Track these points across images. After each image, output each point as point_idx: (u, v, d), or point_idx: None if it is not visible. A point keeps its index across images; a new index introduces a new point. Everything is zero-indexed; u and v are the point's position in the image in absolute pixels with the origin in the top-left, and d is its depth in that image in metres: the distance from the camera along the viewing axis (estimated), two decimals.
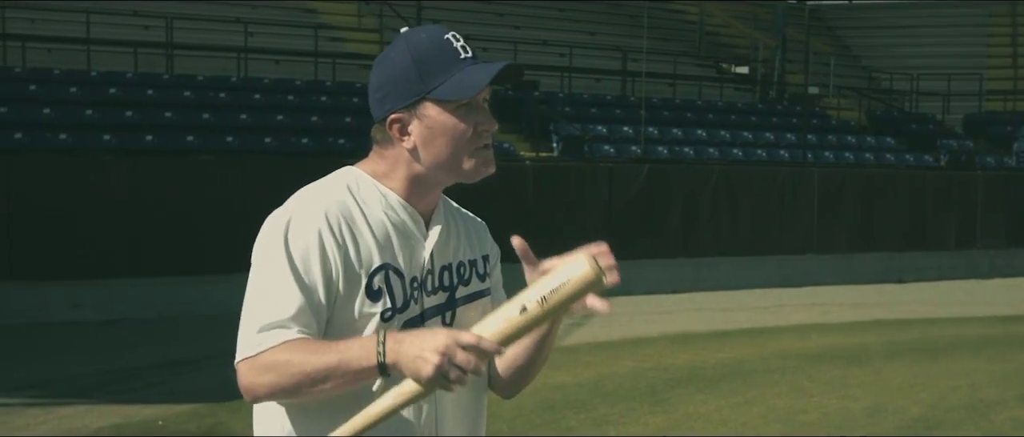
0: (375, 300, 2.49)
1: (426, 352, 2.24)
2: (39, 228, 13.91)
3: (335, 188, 2.56)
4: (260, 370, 2.39)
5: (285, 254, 2.43)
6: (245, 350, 2.40)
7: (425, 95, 2.51)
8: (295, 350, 2.36)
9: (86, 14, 19.23)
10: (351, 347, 2.34)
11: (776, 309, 16.74)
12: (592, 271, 2.34)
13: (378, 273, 2.50)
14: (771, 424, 9.20)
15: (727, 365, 11.86)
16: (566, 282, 2.33)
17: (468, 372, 2.24)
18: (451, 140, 2.53)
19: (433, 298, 2.61)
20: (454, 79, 2.49)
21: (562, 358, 12.14)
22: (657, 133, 21.48)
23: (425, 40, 2.55)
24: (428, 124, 2.53)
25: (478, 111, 2.54)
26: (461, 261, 2.72)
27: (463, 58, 2.52)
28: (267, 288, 2.43)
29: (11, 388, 10.17)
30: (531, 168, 17.81)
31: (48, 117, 16.14)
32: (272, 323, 2.40)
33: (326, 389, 2.38)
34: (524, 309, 2.32)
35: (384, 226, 2.55)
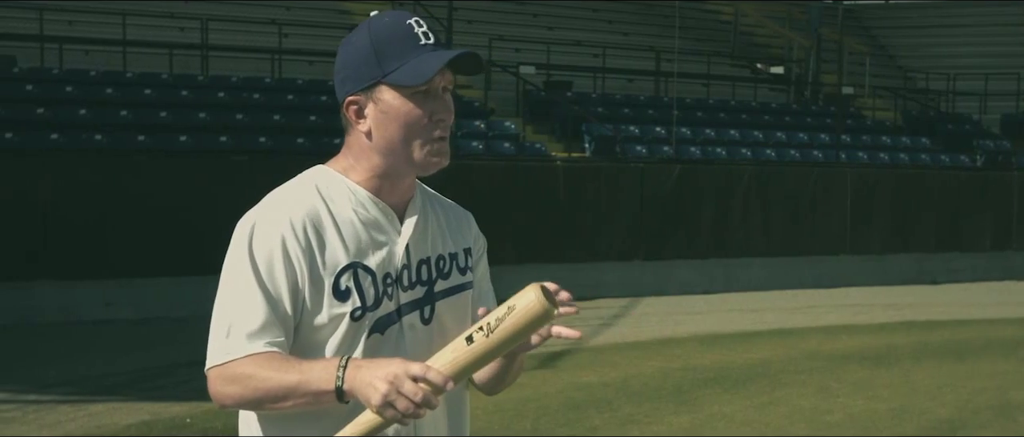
0: (343, 300, 2.48)
1: (375, 380, 2.26)
2: (73, 228, 14.07)
3: (303, 189, 2.56)
4: (226, 380, 2.41)
5: (250, 261, 2.45)
6: (214, 358, 2.43)
7: (380, 79, 2.50)
8: (261, 365, 2.39)
9: (123, 16, 19.42)
10: (314, 369, 2.36)
11: (807, 310, 16.70)
12: (538, 302, 2.29)
13: (345, 272, 2.49)
14: (795, 424, 9.20)
15: (754, 366, 11.85)
16: (511, 311, 2.30)
17: (418, 404, 2.24)
18: (403, 126, 2.51)
19: (410, 293, 2.59)
20: (410, 64, 2.48)
21: (589, 358, 12.21)
22: (690, 133, 21.45)
23: (387, 24, 2.53)
24: (382, 108, 2.51)
25: (435, 99, 2.52)
26: (440, 254, 2.68)
27: (423, 44, 2.50)
28: (234, 296, 2.45)
29: (43, 385, 10.32)
30: (562, 168, 17.84)
31: (84, 118, 16.31)
32: (240, 333, 2.42)
33: (287, 406, 2.40)
34: (471, 340, 2.32)
35: (353, 224, 2.54)
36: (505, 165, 17.64)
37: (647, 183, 18.25)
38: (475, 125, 19.33)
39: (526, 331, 2.33)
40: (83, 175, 14.38)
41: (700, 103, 23.87)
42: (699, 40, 28.24)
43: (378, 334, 2.52)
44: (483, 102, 20.81)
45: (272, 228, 2.46)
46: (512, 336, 2.32)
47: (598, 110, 21.74)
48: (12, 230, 13.89)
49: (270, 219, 2.48)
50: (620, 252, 18.00)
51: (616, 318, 15.58)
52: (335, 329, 2.48)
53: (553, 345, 10.17)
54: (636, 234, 18.08)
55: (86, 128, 15.98)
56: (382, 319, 2.53)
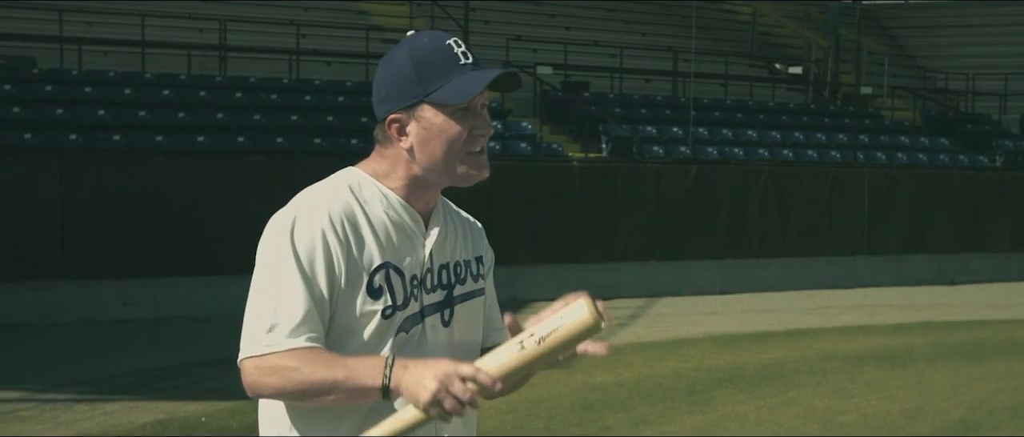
0: (376, 298, 2.56)
1: (425, 379, 2.33)
2: (92, 228, 14.16)
3: (338, 188, 2.63)
4: (266, 371, 2.47)
5: (292, 253, 2.51)
6: (251, 348, 2.48)
7: (423, 98, 2.57)
8: (304, 359, 2.45)
9: (141, 17, 19.53)
10: (359, 366, 2.43)
11: (824, 310, 16.67)
12: (591, 316, 2.37)
13: (379, 271, 2.57)
14: (808, 425, 9.19)
15: (769, 366, 11.85)
16: (564, 324, 2.37)
17: (465, 403, 2.31)
18: (446, 143, 2.58)
19: (432, 296, 2.68)
20: (451, 84, 2.55)
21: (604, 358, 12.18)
22: (707, 134, 21.44)
23: (426, 44, 2.61)
24: (425, 126, 2.59)
25: (475, 116, 2.60)
26: (458, 261, 2.77)
27: (462, 64, 2.59)
28: (274, 287, 2.51)
29: (61, 384, 10.39)
30: (578, 169, 17.86)
31: (103, 118, 16.41)
32: (281, 325, 2.47)
33: (328, 401, 2.47)
34: (522, 346, 2.38)
35: (385, 225, 2.62)
36: (522, 165, 17.67)
37: (663, 183, 18.25)
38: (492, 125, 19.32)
39: (575, 341, 2.40)
40: (101, 176, 14.47)
41: (718, 103, 23.85)
42: (717, 40, 28.21)
43: (404, 333, 2.61)
44: (500, 102, 20.83)
45: (313, 222, 2.53)
46: (562, 345, 2.39)
47: (615, 110, 21.75)
48: (32, 230, 14.00)
49: (311, 214, 2.55)
50: (636, 252, 18.01)
51: (632, 318, 15.59)
52: (367, 325, 2.56)
53: None
54: (652, 234, 18.09)
55: (104, 128, 16.09)
56: (408, 319, 2.61)
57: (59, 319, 13.70)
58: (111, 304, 14.14)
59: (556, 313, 2.40)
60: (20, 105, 16.22)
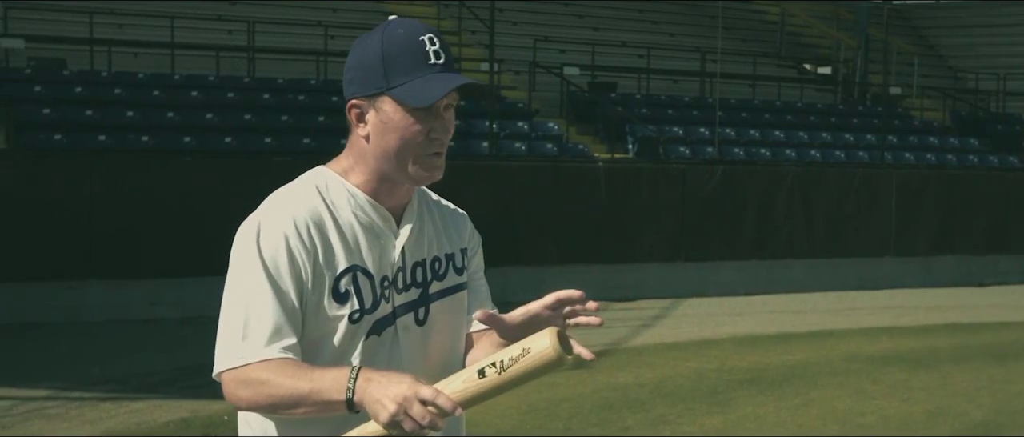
0: (343, 303, 2.53)
1: (385, 398, 2.28)
2: (119, 228, 14.29)
3: (305, 191, 2.61)
4: (240, 384, 2.45)
5: (259, 261, 2.49)
6: (227, 361, 2.46)
7: (385, 90, 2.54)
8: (274, 371, 2.42)
9: (171, 19, 19.68)
10: (325, 378, 2.39)
11: (849, 312, 16.62)
12: (553, 351, 2.32)
13: (345, 275, 2.54)
14: (828, 426, 9.21)
15: (791, 367, 11.85)
16: (526, 354, 2.33)
17: (423, 425, 2.27)
18: (400, 139, 2.54)
19: (404, 295, 2.64)
20: (415, 83, 2.51)
21: (626, 359, 12.26)
22: (734, 134, 21.42)
23: (400, 36, 2.56)
24: (383, 118, 2.55)
25: (435, 118, 2.55)
26: (436, 256, 2.73)
27: (431, 63, 2.54)
28: (244, 297, 2.49)
29: (87, 383, 10.51)
30: (603, 169, 17.87)
31: (131, 119, 16.54)
32: (253, 336, 2.45)
33: (298, 413, 2.44)
34: (483, 373, 2.35)
35: (353, 227, 2.59)
36: (547, 166, 17.71)
37: (689, 184, 18.24)
38: (518, 126, 19.41)
39: (536, 374, 2.35)
40: (130, 176, 14.59)
41: (745, 104, 23.81)
42: (746, 41, 28.17)
43: (375, 336, 2.58)
44: (527, 103, 20.89)
45: (277, 228, 2.51)
46: (522, 377, 2.34)
47: (642, 111, 21.75)
48: (62, 230, 14.12)
49: (275, 219, 2.53)
50: (662, 253, 18.01)
51: (656, 319, 15.60)
52: (334, 331, 2.53)
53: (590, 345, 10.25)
54: (678, 235, 18.08)
55: (133, 129, 16.22)
56: (379, 321, 2.58)
57: (87, 318, 13.84)
58: (138, 304, 14.26)
59: (521, 341, 2.37)
60: (50, 106, 16.38)
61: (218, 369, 2.48)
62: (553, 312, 2.57)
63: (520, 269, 16.82)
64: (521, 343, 2.36)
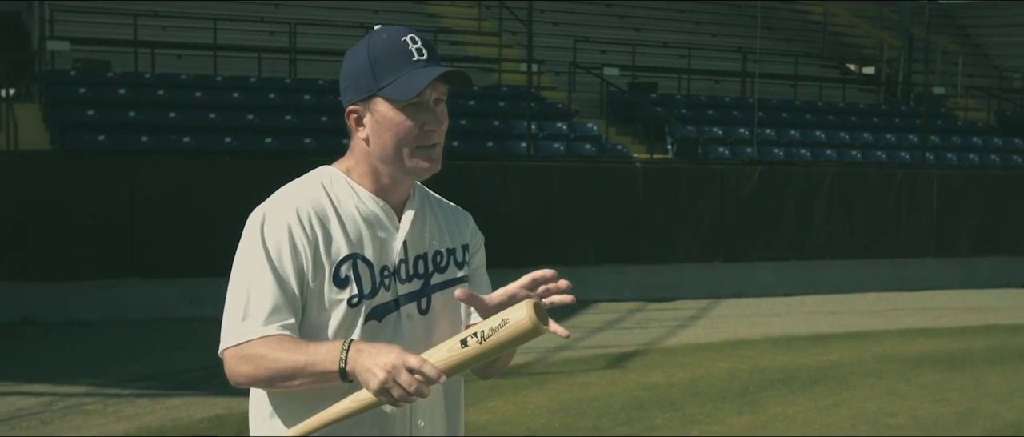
0: (342, 287, 2.69)
1: (375, 367, 2.45)
2: (160, 227, 14.49)
3: (309, 186, 2.79)
4: (240, 360, 2.63)
5: (263, 249, 2.67)
6: (229, 339, 2.65)
7: (376, 92, 2.71)
8: (272, 346, 2.59)
9: (213, 21, 19.89)
10: (319, 350, 2.56)
11: (887, 313, 16.55)
12: (529, 320, 2.47)
13: (345, 262, 2.71)
14: (858, 426, 9.20)
15: (824, 367, 11.83)
16: (504, 324, 2.49)
17: (411, 393, 2.43)
18: (395, 136, 2.72)
19: (407, 285, 2.80)
20: (402, 80, 2.68)
21: (659, 358, 12.30)
22: (774, 135, 21.36)
23: (384, 40, 2.74)
24: (378, 119, 2.73)
25: (426, 112, 2.72)
26: (437, 250, 2.89)
27: (415, 60, 2.70)
28: (248, 282, 2.67)
29: (126, 379, 10.68)
30: (641, 169, 17.90)
31: (173, 120, 16.76)
32: (253, 315, 2.63)
33: (295, 385, 2.61)
34: (465, 343, 2.52)
35: (355, 219, 2.75)
36: (585, 167, 17.76)
37: (727, 184, 18.23)
38: (557, 127, 19.46)
39: (515, 343, 2.52)
40: (171, 176, 14.79)
41: (786, 104, 23.74)
42: (789, 40, 28.08)
43: (375, 321, 2.73)
44: (567, 104, 20.94)
45: (281, 219, 2.69)
46: (501, 345, 2.51)
47: (682, 111, 21.74)
48: (104, 230, 14.35)
49: (279, 211, 2.71)
50: (700, 253, 18.01)
51: (692, 319, 15.61)
52: (335, 314, 2.69)
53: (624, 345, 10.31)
54: (716, 235, 18.07)
55: (175, 130, 16.43)
56: (379, 307, 2.74)
57: (127, 316, 14.05)
58: (178, 302, 14.45)
59: (500, 313, 2.53)
60: (94, 107, 16.63)
61: (222, 347, 2.66)
62: (529, 292, 2.70)
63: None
64: (500, 314, 2.53)
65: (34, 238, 14.06)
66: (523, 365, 11.75)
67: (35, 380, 10.51)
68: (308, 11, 22.12)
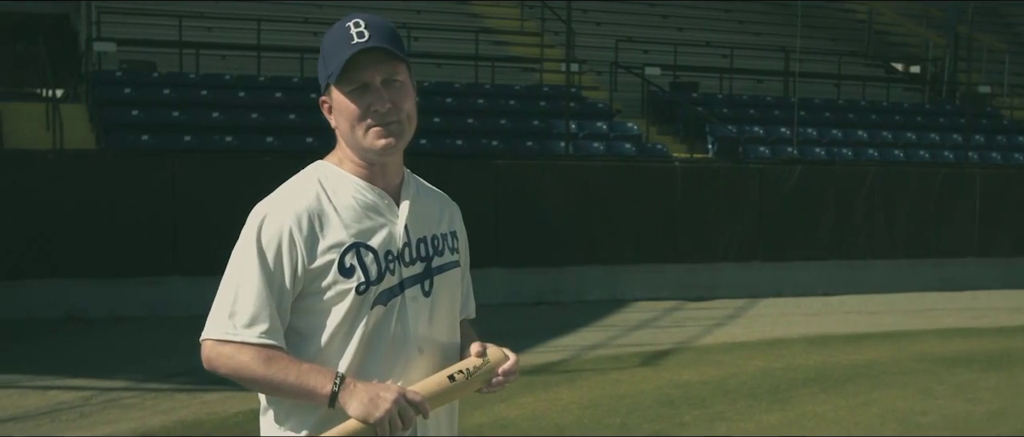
0: (348, 276, 2.80)
1: (380, 401, 2.67)
2: (201, 225, 14.68)
3: (307, 182, 2.90)
4: (223, 354, 2.77)
5: (256, 250, 2.79)
6: (212, 331, 2.78)
7: (329, 80, 2.84)
8: (259, 358, 2.73)
9: (257, 22, 20.13)
10: (309, 374, 2.72)
11: (927, 313, 16.46)
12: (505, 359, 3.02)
13: (349, 252, 2.81)
14: (886, 425, 9.19)
15: (858, 367, 11.81)
16: (486, 363, 2.96)
17: (406, 423, 2.69)
18: (346, 119, 2.85)
19: (411, 268, 2.91)
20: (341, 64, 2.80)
21: (693, 357, 12.34)
22: (816, 134, 21.30)
23: (334, 29, 2.87)
24: (334, 105, 2.88)
25: (371, 92, 2.82)
26: (434, 234, 3.00)
27: (353, 43, 2.79)
28: (239, 279, 2.79)
29: (165, 375, 10.87)
30: (680, 169, 17.92)
31: (216, 120, 16.98)
32: (238, 315, 2.76)
33: (276, 396, 2.81)
34: (453, 378, 2.84)
35: (354, 209, 2.85)
36: (624, 166, 17.80)
37: (766, 184, 18.20)
38: (597, 126, 19.52)
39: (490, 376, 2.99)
40: (212, 175, 15.00)
41: (829, 103, 23.65)
42: (834, 39, 27.97)
43: (381, 306, 2.84)
44: (608, 103, 20.99)
45: (279, 220, 2.80)
46: (480, 380, 2.95)
47: (723, 111, 21.72)
48: (146, 228, 14.59)
49: (278, 212, 2.82)
50: (739, 253, 18.00)
51: (730, 318, 15.62)
52: (343, 302, 2.80)
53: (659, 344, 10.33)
54: (755, 235, 18.05)
55: (218, 130, 16.64)
56: (385, 292, 2.85)
57: (169, 313, 14.25)
58: None
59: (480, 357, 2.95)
60: (139, 107, 16.88)
61: (204, 335, 2.79)
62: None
63: (596, 268, 16.98)
64: (480, 357, 2.97)
65: (79, 236, 14.32)
66: (556, 362, 11.86)
67: (76, 374, 10.71)
68: (350, 12, 22.16)
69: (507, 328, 13.61)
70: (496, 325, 14.64)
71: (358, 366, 2.80)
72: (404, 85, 2.88)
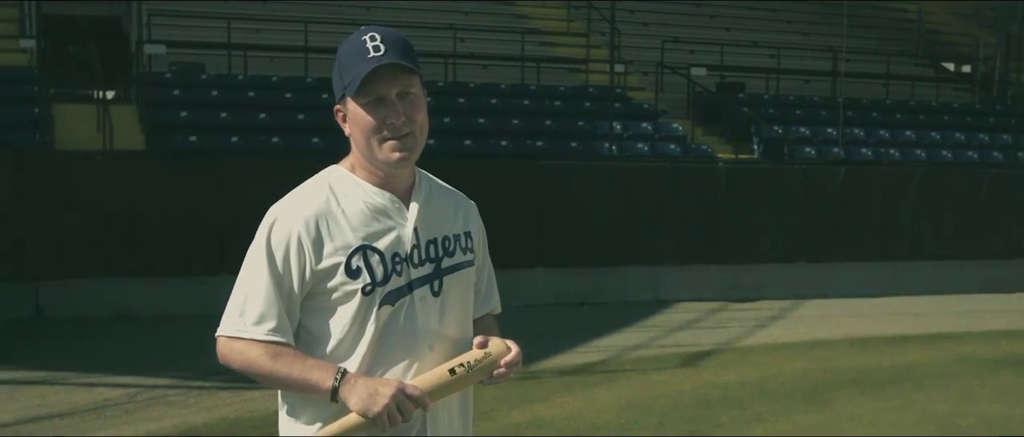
0: (355, 277, 2.91)
1: (379, 396, 2.77)
2: (248, 225, 14.77)
3: (318, 187, 3.01)
4: (235, 350, 2.93)
5: (267, 252, 2.92)
6: (225, 328, 2.94)
7: (344, 92, 2.94)
8: (267, 353, 2.88)
9: (305, 24, 20.31)
10: (313, 369, 2.85)
11: (973, 315, 16.33)
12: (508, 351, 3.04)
13: (356, 254, 2.92)
14: (924, 427, 9.18)
15: (900, 369, 11.77)
16: (487, 356, 2.99)
17: (405, 415, 2.77)
18: (362, 131, 2.94)
19: (420, 269, 3.01)
20: (357, 77, 2.88)
21: (734, 358, 12.35)
22: (863, 134, 21.20)
23: (350, 41, 2.95)
24: (350, 116, 2.97)
25: (387, 105, 2.91)
26: (446, 235, 3.09)
27: (370, 57, 2.87)
28: (251, 279, 2.93)
29: (209, 373, 10.95)
30: (724, 170, 17.90)
31: (263, 121, 17.17)
32: (249, 314, 2.90)
33: (285, 390, 2.93)
34: (454, 372, 2.89)
35: (363, 213, 2.96)
36: (668, 167, 17.80)
37: (811, 185, 18.14)
38: (642, 127, 19.54)
39: (490, 369, 3.03)
40: (258, 175, 15.13)
41: (876, 104, 23.52)
42: (882, 39, 27.77)
43: (388, 306, 2.95)
44: (653, 104, 21.00)
45: (288, 223, 2.93)
46: (482, 372, 2.99)
47: (769, 111, 21.67)
48: (194, 227, 14.78)
49: (287, 215, 2.95)
50: (783, 254, 17.94)
51: (772, 319, 15.59)
52: (350, 302, 2.91)
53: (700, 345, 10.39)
54: (799, 236, 17.99)
55: (264, 131, 16.84)
56: (392, 293, 2.95)
57: (215, 312, 14.31)
58: None
59: (482, 350, 2.98)
60: (188, 109, 17.12)
61: (218, 332, 2.96)
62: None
63: (639, 269, 17.00)
64: (482, 350, 3.02)
65: (128, 235, 14.53)
66: (596, 363, 11.92)
67: (123, 372, 10.90)
68: (398, 13, 22.45)
69: (549, 328, 13.71)
70: (538, 325, 14.82)
71: (369, 364, 2.90)
72: (417, 97, 2.97)
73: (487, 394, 9.69)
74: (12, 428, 8.88)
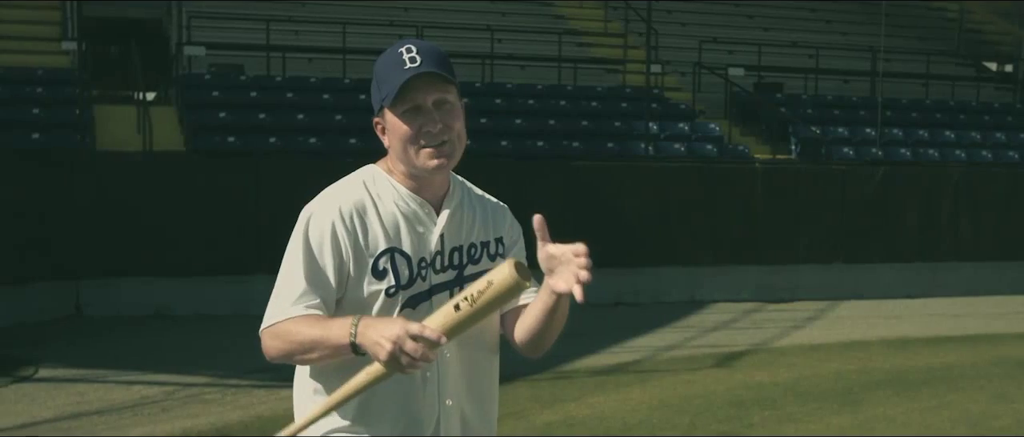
0: (380, 279, 2.98)
1: (382, 340, 2.69)
2: (285, 225, 14.89)
3: (354, 185, 3.08)
4: (272, 337, 2.97)
5: (304, 245, 2.99)
6: (266, 321, 2.99)
7: (382, 103, 3.00)
8: (297, 323, 2.91)
9: (343, 25, 20.41)
10: (333, 326, 2.84)
11: (1013, 316, 16.21)
12: (512, 279, 2.73)
13: (383, 256, 2.99)
14: (957, 427, 9.16)
15: (936, 370, 11.73)
16: (490, 285, 2.74)
17: (417, 359, 2.66)
18: (400, 140, 2.99)
19: (442, 276, 3.07)
20: (394, 88, 2.94)
21: (768, 358, 12.34)
22: (902, 135, 21.08)
23: (387, 54, 3.01)
24: (388, 126, 3.03)
25: (424, 114, 2.96)
26: (472, 242, 3.15)
27: (406, 68, 2.94)
28: (288, 272, 3.00)
29: (246, 372, 11.11)
30: (760, 170, 17.86)
31: (301, 122, 17.29)
32: (287, 300, 2.96)
33: (313, 358, 2.92)
34: (458, 307, 2.77)
35: (394, 215, 3.03)
36: (704, 167, 17.77)
37: (849, 185, 18.06)
38: (679, 127, 19.52)
39: (502, 300, 2.79)
40: (296, 176, 15.24)
41: (916, 104, 23.36)
42: (923, 38, 27.58)
43: (409, 309, 3.01)
44: (690, 104, 20.98)
45: (325, 217, 2.99)
46: (490, 304, 2.77)
47: (808, 112, 21.58)
48: (232, 227, 14.92)
49: (324, 210, 3.01)
50: (819, 255, 17.87)
51: (808, 320, 15.55)
52: (374, 303, 2.98)
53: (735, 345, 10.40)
54: (836, 236, 17.91)
55: (302, 131, 16.95)
56: (414, 296, 3.02)
57: (253, 311, 14.45)
58: None
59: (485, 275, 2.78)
60: (226, 110, 17.25)
61: (261, 328, 3.00)
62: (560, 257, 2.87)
63: (675, 269, 17.00)
64: (486, 277, 2.76)
65: (167, 235, 14.69)
66: (630, 363, 11.94)
67: (160, 370, 11.03)
68: (436, 14, 22.53)
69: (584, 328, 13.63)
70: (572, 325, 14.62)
71: None
72: (454, 106, 3.02)
73: (520, 394, 9.76)
74: (52, 425, 9.02)
